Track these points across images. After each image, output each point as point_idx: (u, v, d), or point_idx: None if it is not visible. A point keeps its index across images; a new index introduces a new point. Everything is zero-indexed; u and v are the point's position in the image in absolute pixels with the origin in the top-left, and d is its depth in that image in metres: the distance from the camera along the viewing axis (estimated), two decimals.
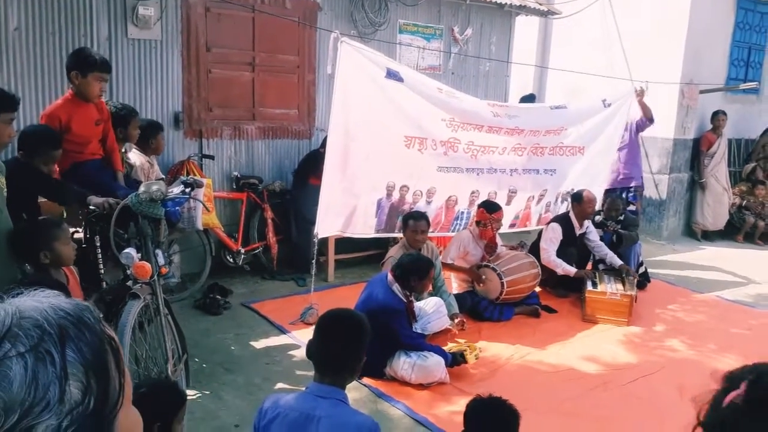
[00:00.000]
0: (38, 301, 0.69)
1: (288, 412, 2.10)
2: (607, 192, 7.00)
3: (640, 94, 6.75)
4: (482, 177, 5.96)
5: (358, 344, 2.29)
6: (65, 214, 3.92)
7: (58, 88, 4.81)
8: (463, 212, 6.01)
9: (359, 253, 6.33)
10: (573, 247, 5.89)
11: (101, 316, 0.73)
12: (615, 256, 5.93)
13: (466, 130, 5.64)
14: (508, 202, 6.25)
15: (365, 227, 5.45)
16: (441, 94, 5.45)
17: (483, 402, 2.44)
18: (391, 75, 5.08)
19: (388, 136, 5.26)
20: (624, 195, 7.15)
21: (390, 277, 4.16)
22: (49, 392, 0.62)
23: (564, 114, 6.34)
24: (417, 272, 4.13)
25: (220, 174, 5.91)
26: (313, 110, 6.41)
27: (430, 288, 5.01)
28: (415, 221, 4.90)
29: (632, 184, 7.22)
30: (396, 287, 4.12)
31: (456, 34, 7.33)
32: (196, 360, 4.11)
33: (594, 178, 6.84)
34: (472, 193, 5.97)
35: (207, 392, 3.78)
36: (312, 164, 5.81)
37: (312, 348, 2.30)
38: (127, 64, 5.24)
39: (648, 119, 7.00)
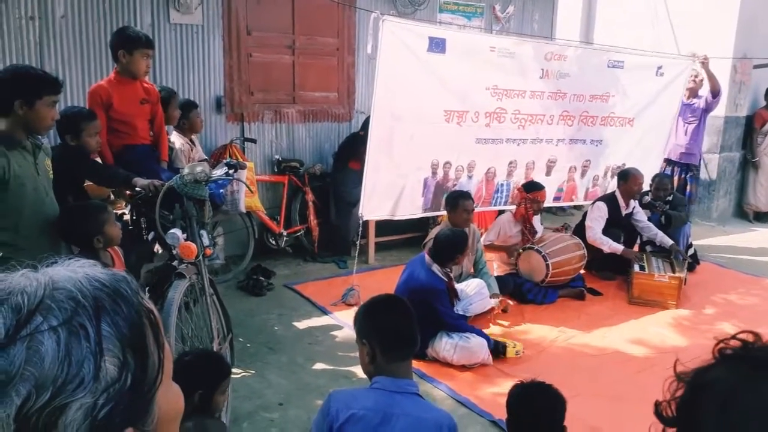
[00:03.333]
0: (73, 271, 0.65)
1: (364, 412, 1.95)
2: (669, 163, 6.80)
3: (706, 60, 6.52)
4: (522, 147, 5.90)
5: (414, 318, 2.19)
6: (111, 196, 4.00)
7: (104, 73, 4.88)
8: (502, 184, 5.98)
9: (399, 236, 6.31)
10: (619, 227, 5.75)
11: (139, 287, 0.69)
12: (665, 236, 5.75)
13: (510, 97, 5.56)
14: (548, 173, 6.19)
15: (413, 207, 5.48)
16: (492, 54, 5.37)
17: (527, 388, 2.26)
18: (433, 47, 5.02)
19: (430, 113, 5.23)
20: (683, 175, 6.96)
21: (428, 258, 4.14)
22: (83, 369, 0.58)
23: (616, 75, 6.20)
24: (457, 247, 4.14)
25: (261, 157, 5.95)
26: (352, 93, 6.39)
27: (471, 269, 4.98)
28: (464, 200, 4.84)
29: (692, 161, 7.01)
30: (435, 267, 4.09)
31: (497, 12, 7.19)
32: (241, 340, 4.17)
33: (647, 153, 6.66)
34: (510, 163, 5.91)
35: (251, 371, 3.84)
36: (352, 147, 5.80)
37: (382, 333, 2.08)
38: (170, 49, 5.30)
39: (713, 92, 6.77)
